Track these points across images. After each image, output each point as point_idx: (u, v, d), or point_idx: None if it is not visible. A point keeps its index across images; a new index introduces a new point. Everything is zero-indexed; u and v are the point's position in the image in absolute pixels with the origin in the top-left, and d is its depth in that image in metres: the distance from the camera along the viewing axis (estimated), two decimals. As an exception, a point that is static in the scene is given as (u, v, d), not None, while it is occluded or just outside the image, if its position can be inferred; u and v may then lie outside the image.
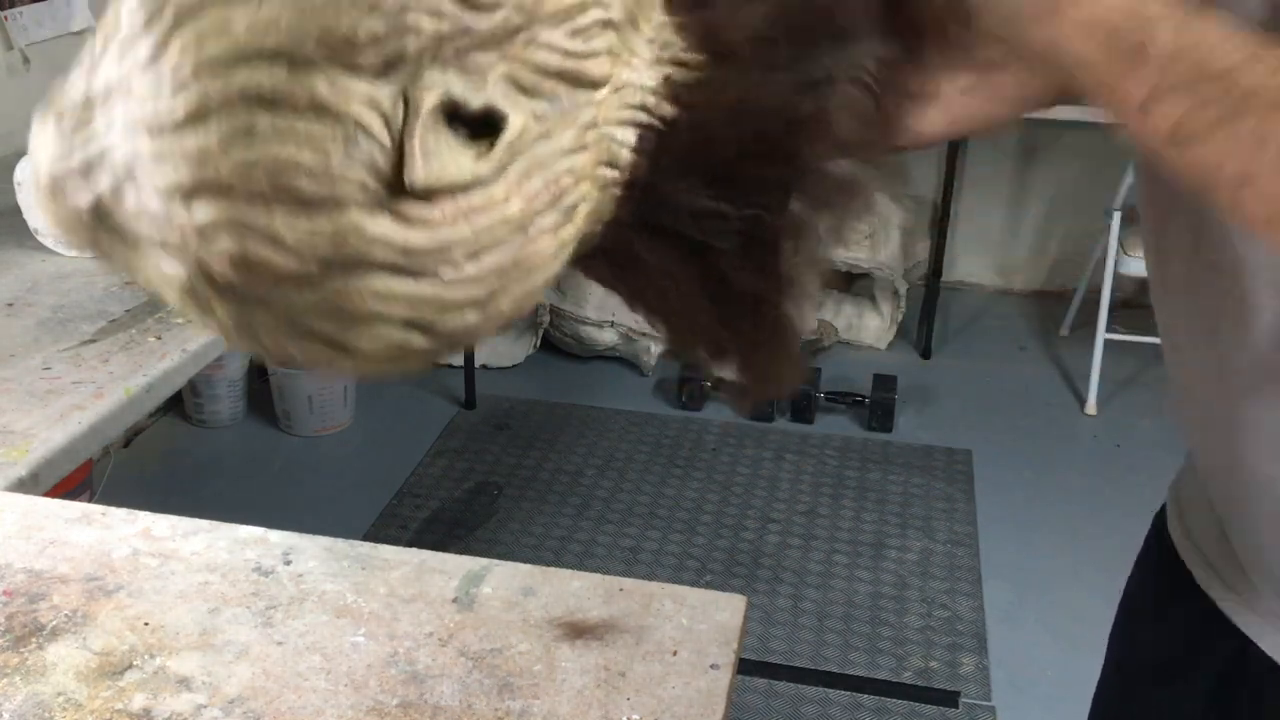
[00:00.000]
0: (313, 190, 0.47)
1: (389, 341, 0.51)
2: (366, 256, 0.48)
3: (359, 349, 0.51)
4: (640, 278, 0.58)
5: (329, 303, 0.49)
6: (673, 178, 0.54)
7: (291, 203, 0.47)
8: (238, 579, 0.87)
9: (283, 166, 0.47)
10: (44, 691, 0.76)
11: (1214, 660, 0.79)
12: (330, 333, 0.50)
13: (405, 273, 0.49)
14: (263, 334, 0.50)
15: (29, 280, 1.56)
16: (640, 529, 2.74)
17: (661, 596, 0.85)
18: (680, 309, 0.58)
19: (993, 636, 2.40)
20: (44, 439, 1.15)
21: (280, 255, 0.48)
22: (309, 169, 0.47)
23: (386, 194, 0.48)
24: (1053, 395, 3.37)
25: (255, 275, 0.48)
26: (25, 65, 2.20)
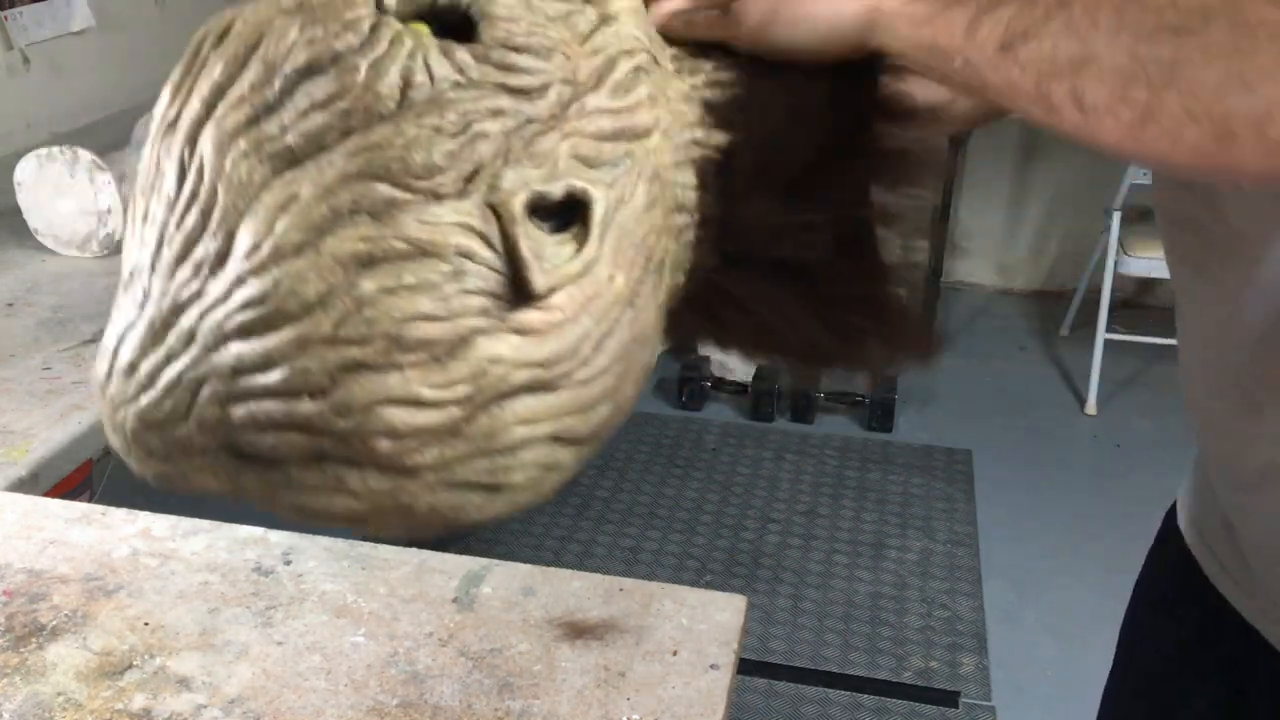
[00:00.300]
0: (438, 336, 0.44)
1: (538, 464, 0.48)
2: (506, 384, 0.46)
3: (512, 484, 0.48)
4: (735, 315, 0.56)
5: (478, 445, 0.46)
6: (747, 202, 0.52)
7: (422, 357, 0.44)
8: (238, 579, 0.87)
9: (403, 323, 0.44)
10: (44, 691, 0.76)
11: (1226, 656, 0.79)
12: (483, 477, 0.47)
13: (543, 387, 0.47)
14: (417, 505, 0.47)
15: (29, 280, 1.56)
16: (640, 529, 2.73)
17: (661, 596, 0.85)
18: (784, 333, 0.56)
19: (993, 636, 2.40)
20: (44, 439, 1.15)
21: (424, 414, 0.45)
22: (429, 315, 0.44)
23: (508, 311, 0.46)
24: (1053, 395, 3.37)
25: (404, 444, 0.45)
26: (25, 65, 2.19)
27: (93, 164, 1.58)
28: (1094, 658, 0.98)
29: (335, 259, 0.44)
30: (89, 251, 1.62)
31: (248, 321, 0.44)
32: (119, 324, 0.47)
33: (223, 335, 0.44)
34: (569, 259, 0.47)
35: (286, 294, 0.43)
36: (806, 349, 0.58)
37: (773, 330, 0.56)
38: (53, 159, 1.60)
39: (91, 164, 1.58)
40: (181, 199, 0.45)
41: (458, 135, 0.45)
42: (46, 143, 1.65)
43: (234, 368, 0.44)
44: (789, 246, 0.54)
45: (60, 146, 1.60)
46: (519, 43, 0.47)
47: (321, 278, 0.43)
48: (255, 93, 0.45)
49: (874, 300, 0.57)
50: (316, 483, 0.46)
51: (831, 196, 0.54)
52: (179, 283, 0.45)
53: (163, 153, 0.47)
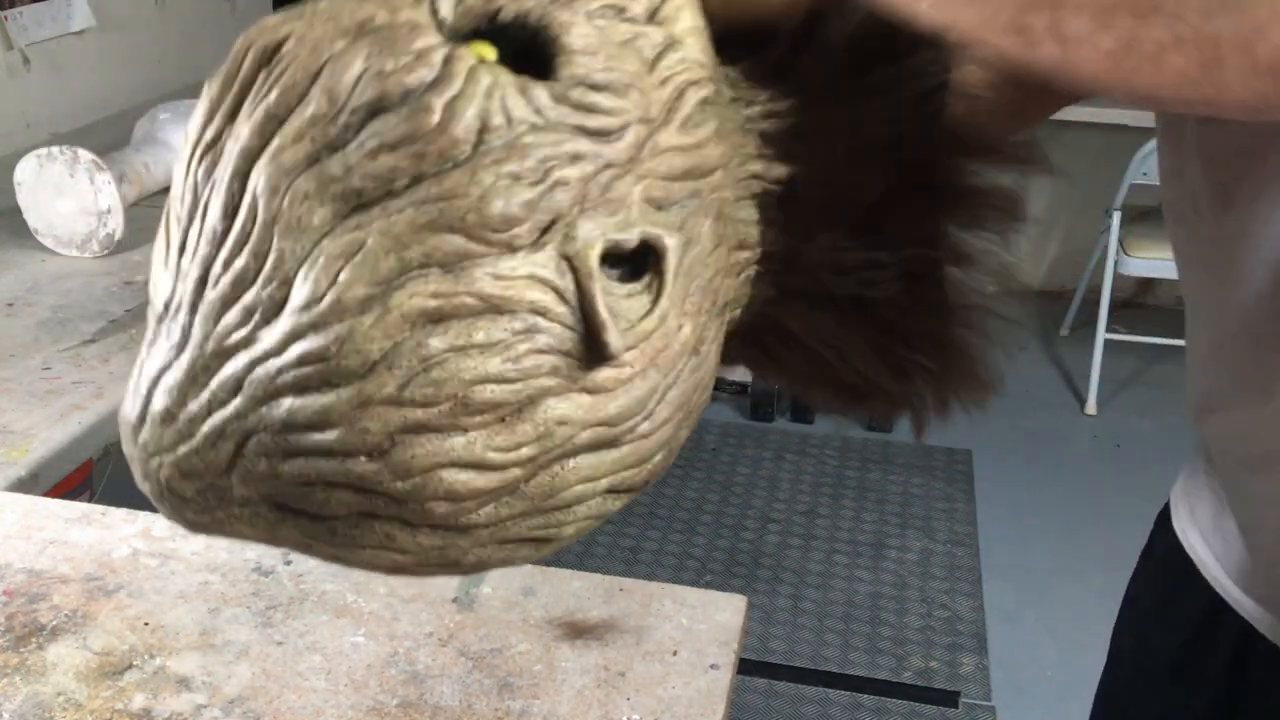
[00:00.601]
0: (507, 398, 0.42)
1: (590, 516, 0.46)
2: (570, 445, 0.44)
3: (563, 537, 0.46)
4: (785, 348, 0.54)
5: (535, 504, 0.44)
6: (812, 238, 0.50)
7: (488, 419, 0.42)
8: (238, 579, 0.87)
9: (471, 384, 0.41)
10: (44, 691, 0.76)
11: (1221, 652, 0.79)
12: (536, 532, 0.45)
13: (607, 445, 0.45)
14: (465, 560, 0.45)
15: (29, 280, 1.56)
16: (640, 529, 2.73)
17: (661, 596, 0.85)
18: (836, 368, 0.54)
19: (993, 636, 2.40)
20: (44, 439, 1.15)
21: (485, 477, 0.42)
22: (498, 377, 0.41)
23: (578, 371, 0.43)
24: (1053, 395, 3.37)
25: (462, 506, 0.43)
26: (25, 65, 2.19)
27: (93, 164, 1.58)
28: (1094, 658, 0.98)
29: (403, 316, 0.41)
30: (89, 251, 1.62)
31: (304, 377, 0.41)
32: (153, 365, 0.44)
33: (275, 389, 0.41)
34: (644, 314, 0.44)
35: (349, 352, 0.41)
36: (856, 386, 0.56)
37: (824, 364, 0.54)
38: (53, 159, 1.60)
39: (91, 164, 1.58)
40: (231, 238, 0.42)
41: (536, 184, 0.42)
42: (46, 143, 1.65)
43: (286, 423, 0.42)
44: (854, 284, 0.52)
45: (60, 146, 1.60)
46: (598, 80, 0.44)
47: (387, 335, 0.41)
48: (318, 128, 0.41)
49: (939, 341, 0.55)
50: (364, 540, 0.44)
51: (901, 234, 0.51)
52: (226, 327, 0.42)
53: (202, 179, 0.44)
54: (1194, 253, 0.73)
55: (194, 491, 0.44)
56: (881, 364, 0.54)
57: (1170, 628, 0.84)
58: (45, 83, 2.23)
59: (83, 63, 2.33)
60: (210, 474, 0.43)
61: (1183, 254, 0.74)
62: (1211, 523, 0.80)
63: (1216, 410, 0.75)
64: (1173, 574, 0.84)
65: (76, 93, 2.30)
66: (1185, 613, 0.82)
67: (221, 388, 0.42)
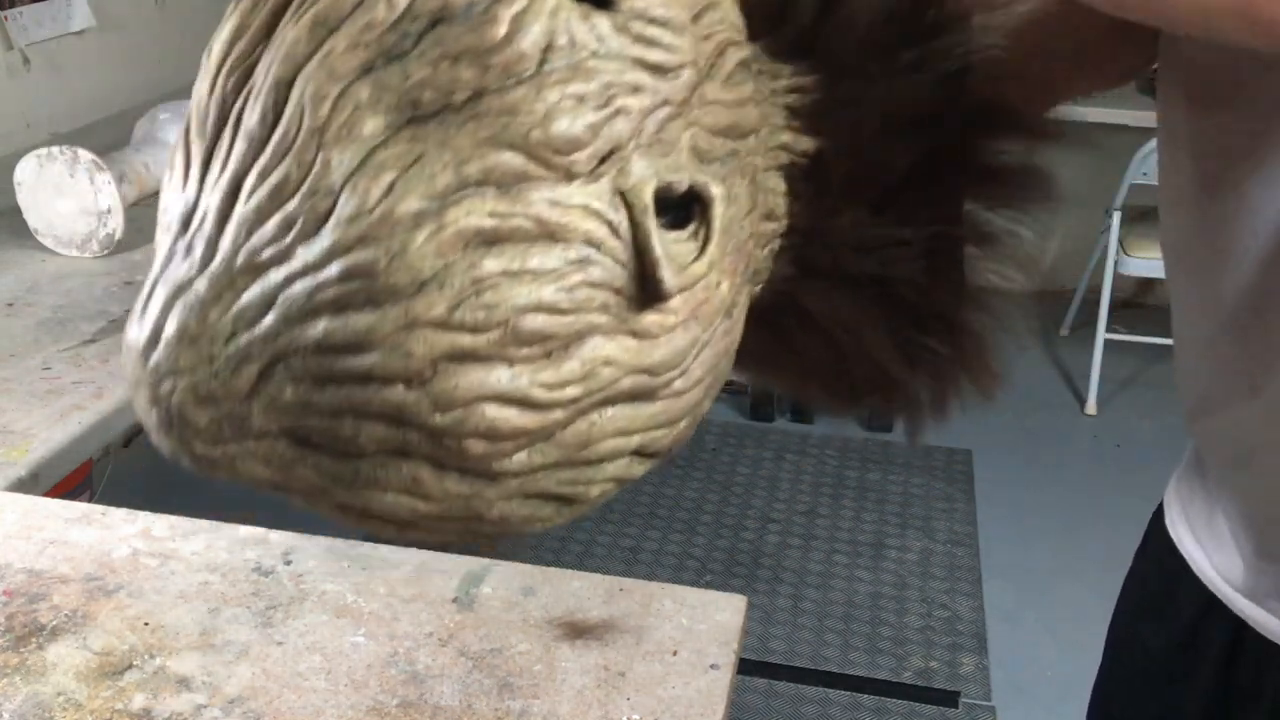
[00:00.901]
0: (557, 329, 0.40)
1: (616, 478, 0.45)
2: (611, 389, 0.42)
3: (587, 497, 0.44)
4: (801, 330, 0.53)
5: (568, 455, 0.42)
6: (837, 213, 0.49)
7: (536, 352, 0.40)
8: (238, 579, 0.87)
9: (523, 311, 0.39)
10: (44, 691, 0.75)
11: (1212, 651, 0.79)
12: (563, 488, 0.43)
13: (644, 397, 0.43)
14: (488, 514, 0.43)
15: (29, 280, 1.55)
16: (640, 529, 2.73)
17: (661, 596, 0.85)
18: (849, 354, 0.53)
19: (993, 636, 2.40)
20: (44, 439, 1.15)
21: (526, 416, 0.40)
22: (551, 306, 0.40)
23: (627, 310, 0.42)
24: (1053, 395, 3.37)
25: (499, 448, 0.41)
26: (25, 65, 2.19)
27: (93, 164, 1.58)
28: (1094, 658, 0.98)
29: (458, 233, 0.39)
30: (89, 251, 1.62)
31: (346, 294, 0.38)
32: (169, 284, 0.41)
33: (312, 308, 0.39)
34: (692, 260, 0.43)
35: (399, 268, 0.38)
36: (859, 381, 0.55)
37: (834, 351, 0.53)
38: (53, 159, 1.60)
39: (91, 164, 1.58)
40: (270, 147, 0.39)
41: (600, 109, 0.40)
42: (46, 143, 1.65)
43: (321, 344, 0.39)
44: (875, 262, 0.51)
45: (60, 146, 1.60)
46: (656, 15, 0.42)
47: (440, 253, 0.38)
48: (374, 35, 0.39)
49: (953, 324, 0.54)
50: (388, 482, 0.41)
51: (925, 212, 0.50)
52: (260, 240, 0.39)
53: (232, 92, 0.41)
54: (1183, 244, 0.73)
55: (208, 420, 0.41)
56: (894, 349, 0.53)
57: (1163, 627, 0.84)
58: (45, 83, 2.23)
59: (83, 63, 2.33)
60: (229, 400, 0.40)
61: (1173, 248, 0.75)
62: (1204, 522, 0.80)
63: (1206, 414, 0.75)
64: (1165, 573, 0.84)
65: (76, 93, 2.30)
66: (1178, 612, 0.82)
67: (250, 306, 0.39)
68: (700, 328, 0.44)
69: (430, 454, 0.41)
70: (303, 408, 0.40)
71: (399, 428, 0.40)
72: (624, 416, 0.43)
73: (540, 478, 0.43)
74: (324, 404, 0.40)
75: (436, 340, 0.39)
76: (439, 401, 0.39)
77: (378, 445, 0.40)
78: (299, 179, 0.39)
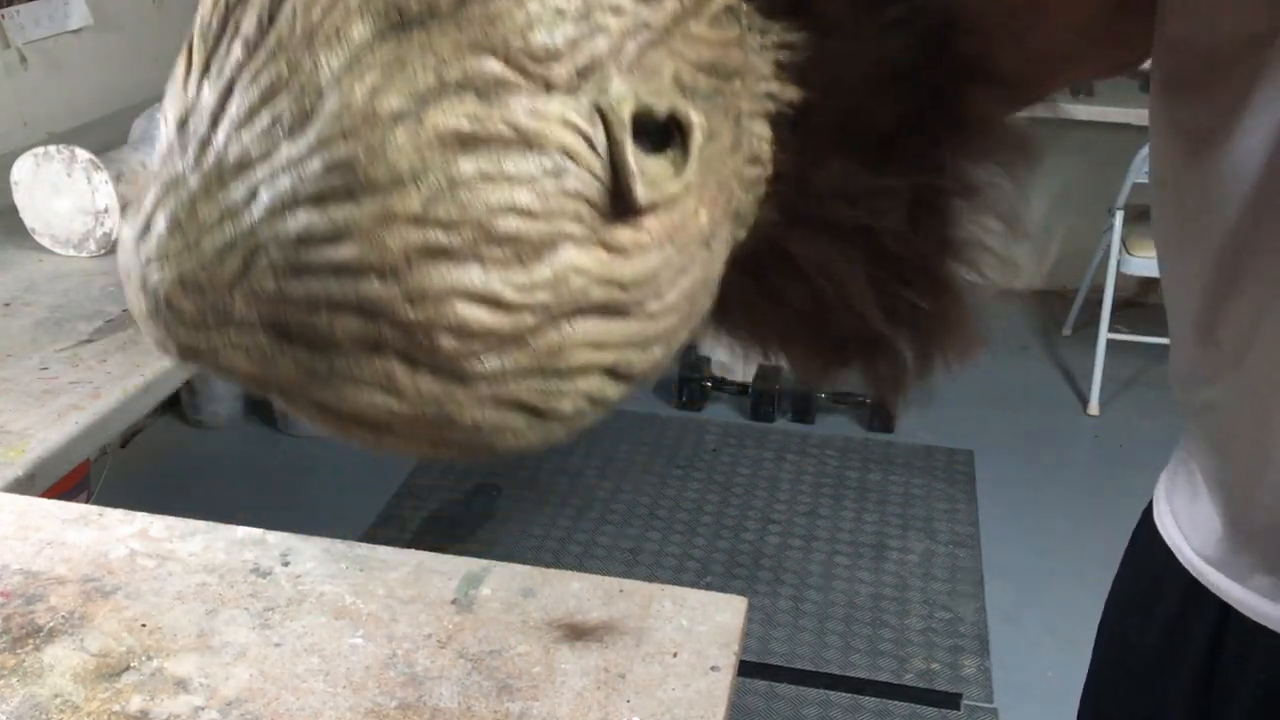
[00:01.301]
0: (529, 233, 0.42)
1: (588, 395, 0.46)
2: (583, 299, 0.43)
3: (558, 412, 0.46)
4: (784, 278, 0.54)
5: (539, 362, 0.44)
6: (823, 162, 0.51)
7: (507, 252, 0.41)
8: (235, 580, 0.86)
9: (496, 212, 0.41)
10: (41, 693, 0.75)
11: (1198, 637, 0.80)
12: (535, 399, 0.45)
13: (616, 312, 0.45)
14: (461, 418, 0.44)
15: (26, 280, 1.55)
16: (640, 530, 2.73)
17: (661, 598, 0.84)
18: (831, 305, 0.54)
19: (994, 638, 2.40)
20: (41, 439, 1.15)
21: (495, 315, 0.42)
22: (523, 210, 0.41)
23: (600, 223, 0.43)
24: (1055, 395, 3.36)
25: (470, 346, 0.42)
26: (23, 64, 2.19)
27: (90, 163, 1.58)
28: (1097, 659, 0.98)
29: (436, 133, 0.40)
30: (86, 251, 1.62)
31: (327, 188, 0.40)
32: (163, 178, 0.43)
33: (294, 200, 0.40)
34: (669, 178, 0.45)
35: (378, 163, 0.40)
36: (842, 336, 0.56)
37: (818, 301, 0.54)
38: (50, 158, 1.59)
39: (89, 163, 1.58)
40: (263, 49, 0.41)
41: (579, 22, 0.42)
42: (44, 142, 1.65)
43: (300, 237, 0.41)
44: (860, 211, 0.52)
45: (57, 145, 1.59)
46: None
47: (418, 150, 0.40)
48: None
49: (934, 276, 0.55)
50: (361, 375, 0.43)
51: (911, 162, 0.52)
52: (249, 138, 0.41)
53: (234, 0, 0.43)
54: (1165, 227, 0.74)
55: (193, 308, 0.42)
56: (876, 301, 0.54)
57: (1150, 622, 0.85)
58: (43, 81, 2.23)
59: (80, 61, 2.33)
60: (214, 289, 0.42)
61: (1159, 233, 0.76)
62: (1186, 505, 0.82)
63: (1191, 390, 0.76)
64: (1152, 565, 0.85)
65: (74, 91, 2.30)
66: (1164, 602, 0.83)
67: (237, 199, 0.41)
68: (676, 251, 0.45)
69: (403, 349, 0.42)
70: (282, 298, 0.41)
71: (373, 321, 0.42)
72: (596, 330, 0.44)
73: (512, 384, 0.44)
74: (302, 295, 0.41)
75: (411, 235, 0.40)
76: (411, 295, 0.41)
77: (352, 339, 0.42)
78: (288, 79, 0.41)
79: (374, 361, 0.42)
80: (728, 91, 0.48)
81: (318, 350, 0.42)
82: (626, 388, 0.48)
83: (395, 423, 0.44)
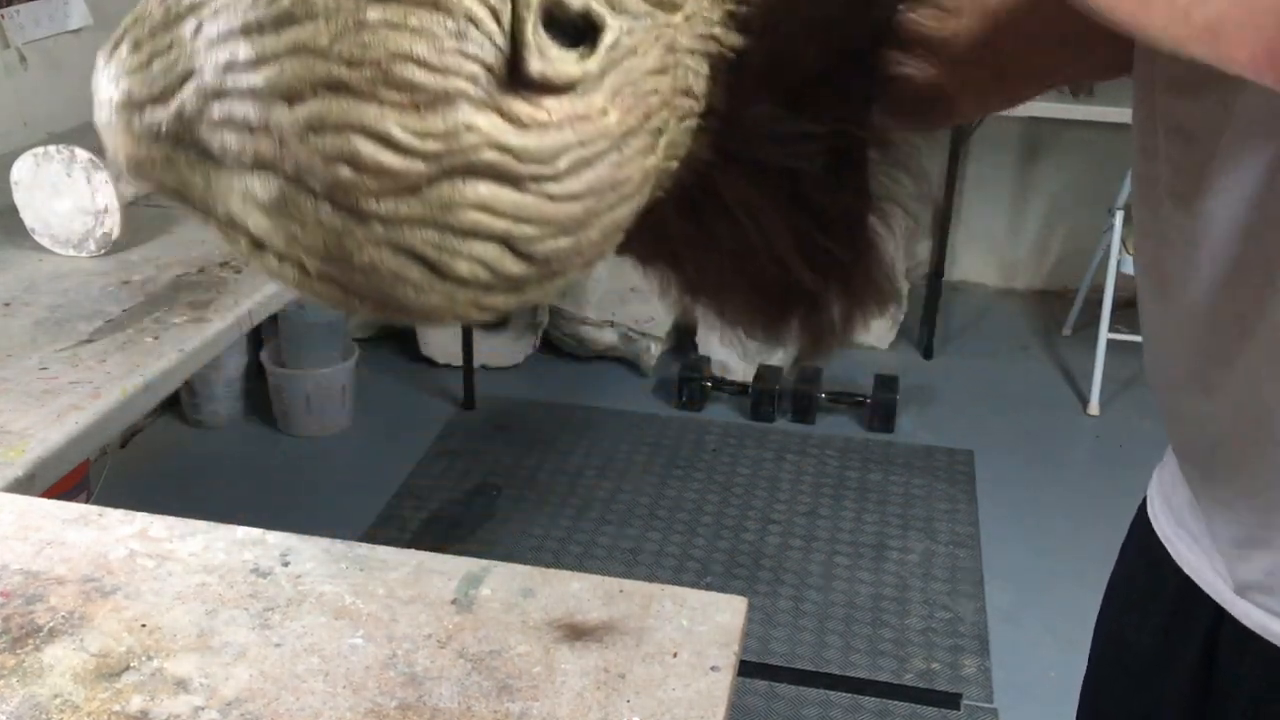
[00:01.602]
0: (425, 83, 0.46)
1: (484, 262, 0.49)
2: (475, 158, 0.47)
3: (455, 272, 0.49)
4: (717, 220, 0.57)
5: (432, 213, 0.47)
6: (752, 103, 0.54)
7: (403, 97, 0.46)
8: (235, 580, 0.86)
9: (395, 58, 0.45)
10: (41, 693, 0.75)
11: (1195, 635, 0.80)
12: (429, 251, 0.48)
13: (510, 180, 0.48)
14: (358, 256, 0.48)
15: (26, 280, 1.55)
16: (640, 530, 2.73)
17: (662, 598, 0.84)
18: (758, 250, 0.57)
19: (995, 638, 2.40)
20: (41, 439, 1.15)
21: (389, 154, 0.46)
22: (422, 60, 0.45)
23: (497, 91, 0.47)
24: (1055, 395, 3.36)
25: (361, 179, 0.46)
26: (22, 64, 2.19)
27: (90, 163, 1.58)
28: (1098, 659, 0.98)
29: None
30: (86, 251, 1.62)
31: (254, 20, 0.45)
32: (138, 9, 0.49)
33: (229, 32, 0.46)
34: (569, 63, 0.48)
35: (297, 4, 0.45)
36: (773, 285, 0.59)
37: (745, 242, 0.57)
38: (49, 158, 1.59)
39: (89, 163, 1.58)
40: None
41: None
42: (43, 141, 1.65)
43: (227, 64, 0.46)
44: (784, 154, 0.55)
45: (57, 145, 1.59)
46: None
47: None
48: None
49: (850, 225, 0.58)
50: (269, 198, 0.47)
51: (832, 111, 0.55)
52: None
53: None
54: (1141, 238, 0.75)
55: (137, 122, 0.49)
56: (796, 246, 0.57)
57: (1147, 620, 0.85)
58: (42, 81, 2.23)
59: (80, 61, 2.32)
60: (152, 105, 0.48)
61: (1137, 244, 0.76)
62: (1183, 511, 0.81)
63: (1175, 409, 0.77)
64: (1148, 564, 0.85)
65: (74, 91, 2.30)
66: (1160, 601, 0.84)
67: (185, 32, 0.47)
68: (576, 139, 0.49)
69: (298, 177, 0.46)
70: (202, 118, 0.47)
71: (274, 145, 0.46)
72: (488, 193, 0.48)
73: (406, 231, 0.48)
74: (220, 116, 0.47)
75: (316, 67, 0.45)
76: (313, 123, 0.45)
77: (257, 160, 0.47)
78: None
79: (280, 186, 0.47)
80: (663, 21, 0.51)
81: (226, 170, 0.47)
82: (531, 270, 0.51)
83: (300, 251, 0.48)
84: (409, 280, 0.49)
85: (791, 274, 0.58)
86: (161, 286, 1.54)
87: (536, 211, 0.49)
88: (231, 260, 1.64)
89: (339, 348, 3.07)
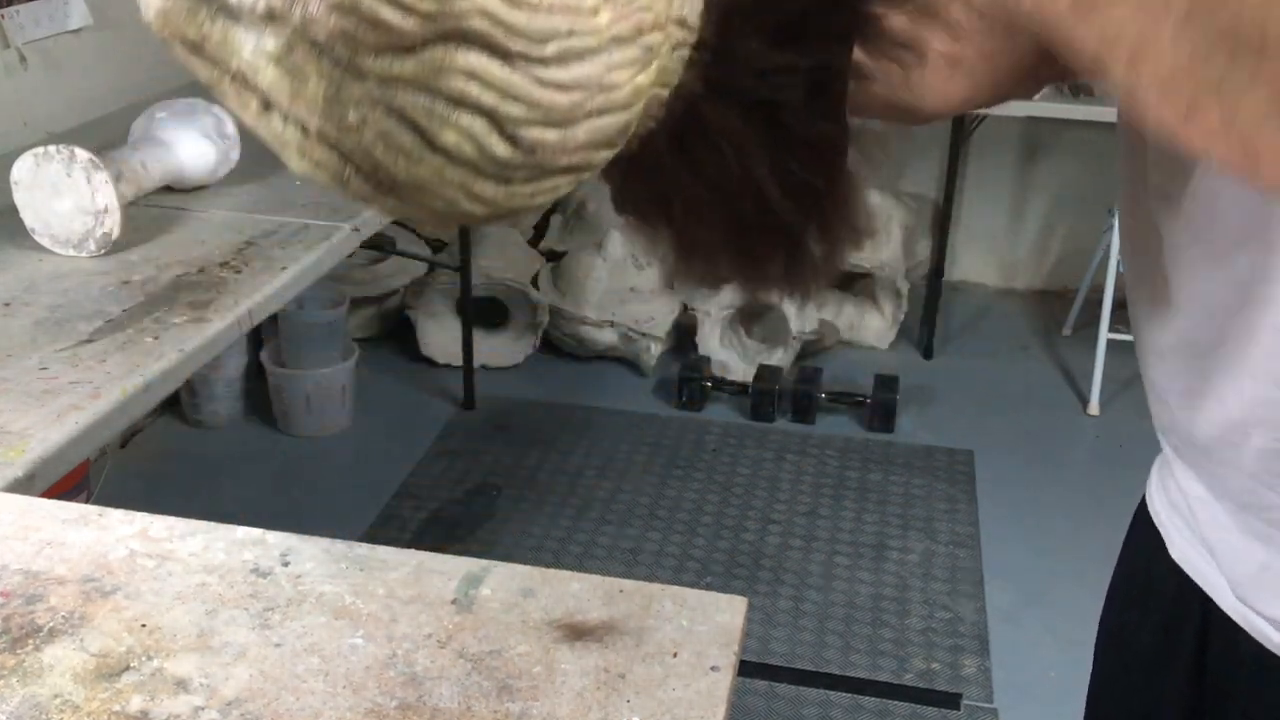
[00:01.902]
0: None
1: (471, 137, 0.51)
2: (466, 23, 0.48)
3: (443, 143, 0.50)
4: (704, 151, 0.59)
5: (424, 75, 0.49)
6: (742, 38, 0.56)
7: None
8: (235, 580, 0.86)
9: None
10: (41, 694, 0.75)
11: (1188, 631, 0.81)
12: (419, 116, 0.50)
13: (499, 53, 0.49)
14: (353, 112, 0.49)
15: (26, 280, 1.55)
16: (640, 530, 2.73)
17: (662, 598, 0.84)
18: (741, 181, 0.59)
19: (995, 638, 2.40)
20: (41, 439, 1.15)
21: (387, 9, 0.47)
22: None
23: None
24: (1055, 395, 3.36)
25: (360, 32, 0.48)
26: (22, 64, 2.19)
27: (90, 163, 1.58)
28: (1098, 659, 0.98)
29: None
30: (86, 251, 1.62)
31: None
32: None
33: None
34: None
35: None
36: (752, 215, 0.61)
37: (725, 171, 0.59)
38: (50, 158, 1.59)
39: (89, 163, 1.58)
40: None
41: None
42: (43, 141, 1.65)
43: None
44: (767, 88, 0.57)
45: (57, 145, 1.59)
46: None
47: None
48: None
49: (826, 155, 0.60)
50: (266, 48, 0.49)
51: (814, 45, 0.58)
52: None
53: None
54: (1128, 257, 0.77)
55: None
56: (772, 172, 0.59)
57: (1147, 616, 0.86)
58: (42, 81, 2.23)
59: (80, 61, 2.33)
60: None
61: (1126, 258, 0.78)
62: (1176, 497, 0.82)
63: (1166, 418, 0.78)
64: (1147, 557, 0.85)
65: (73, 91, 2.30)
66: (1158, 594, 0.84)
67: None
68: (566, 26, 0.50)
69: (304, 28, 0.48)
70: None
71: None
72: (478, 63, 0.49)
73: (397, 92, 0.49)
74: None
75: None
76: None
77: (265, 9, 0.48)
78: None
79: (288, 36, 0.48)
80: None
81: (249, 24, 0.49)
82: (516, 156, 0.52)
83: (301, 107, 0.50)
84: (399, 146, 0.50)
85: (770, 204, 0.60)
86: (161, 286, 1.54)
87: (524, 91, 0.50)
88: (231, 260, 1.64)
89: (339, 348, 3.07)
